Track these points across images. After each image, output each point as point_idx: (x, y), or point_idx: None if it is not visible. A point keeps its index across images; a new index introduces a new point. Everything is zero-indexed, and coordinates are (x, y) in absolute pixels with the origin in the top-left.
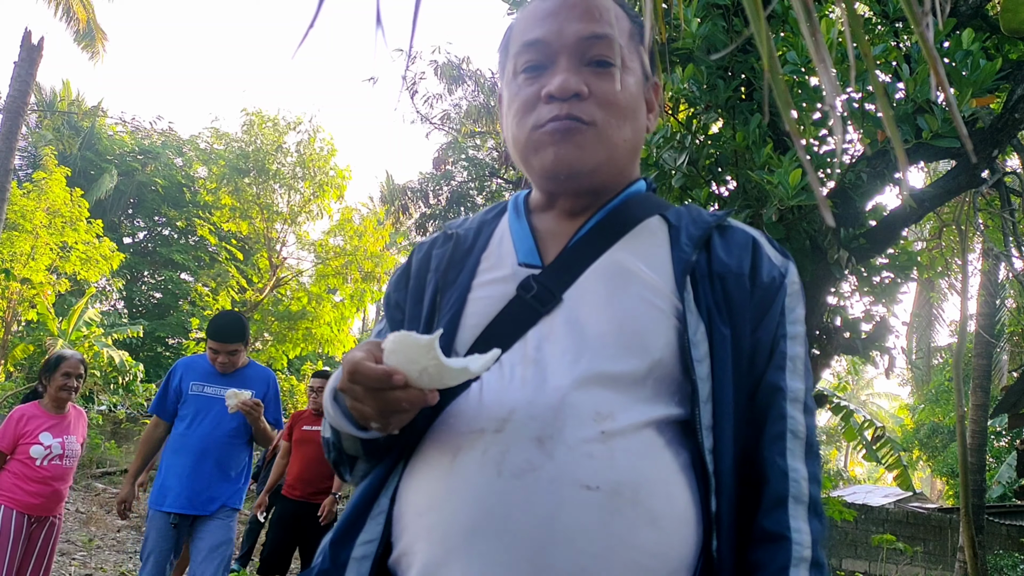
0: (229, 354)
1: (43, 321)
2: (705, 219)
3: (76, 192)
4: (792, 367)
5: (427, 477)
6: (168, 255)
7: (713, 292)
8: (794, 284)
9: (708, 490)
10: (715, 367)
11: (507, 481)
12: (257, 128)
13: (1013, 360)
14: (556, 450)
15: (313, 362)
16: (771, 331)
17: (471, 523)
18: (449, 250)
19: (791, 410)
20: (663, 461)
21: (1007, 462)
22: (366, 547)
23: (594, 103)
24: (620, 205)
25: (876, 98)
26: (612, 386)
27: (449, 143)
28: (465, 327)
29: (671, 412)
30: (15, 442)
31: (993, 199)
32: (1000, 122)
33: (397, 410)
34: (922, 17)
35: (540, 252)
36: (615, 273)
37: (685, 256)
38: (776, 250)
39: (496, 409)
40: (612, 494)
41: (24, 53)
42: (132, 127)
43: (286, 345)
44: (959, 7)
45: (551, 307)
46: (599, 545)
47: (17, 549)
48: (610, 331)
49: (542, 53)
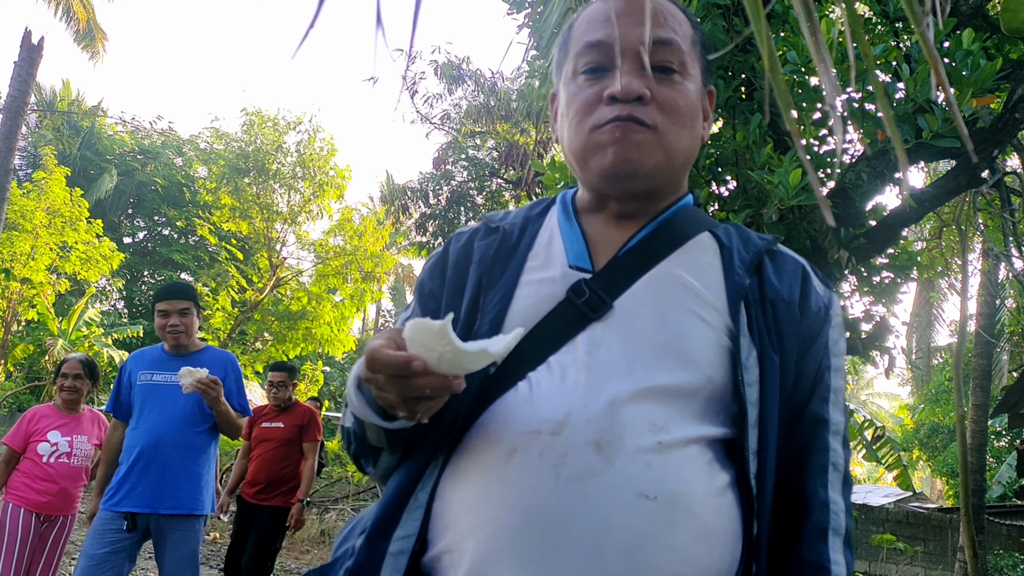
0: (180, 314)
1: (43, 321)
2: (755, 242)
3: (76, 192)
4: (835, 400)
5: (477, 475)
6: (168, 255)
7: (765, 317)
8: (838, 316)
9: (751, 513)
10: (763, 392)
11: (565, 485)
12: (257, 128)
13: (1013, 360)
14: (616, 457)
15: (313, 362)
16: (816, 361)
17: (526, 524)
18: (495, 244)
19: (833, 443)
20: (710, 476)
21: (1007, 462)
22: (403, 542)
23: (656, 108)
24: (672, 217)
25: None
26: (664, 398)
27: (449, 143)
28: (510, 325)
29: (717, 431)
30: (26, 440)
31: (993, 199)
32: (1000, 122)
33: (421, 396)
34: (922, 17)
35: (591, 256)
36: (668, 286)
37: (739, 279)
38: (821, 281)
39: (551, 411)
40: (669, 505)
41: (24, 53)
42: (132, 127)
43: (286, 345)
44: (959, 7)
45: (602, 313)
46: (655, 555)
47: (26, 547)
48: (663, 343)
49: (605, 55)
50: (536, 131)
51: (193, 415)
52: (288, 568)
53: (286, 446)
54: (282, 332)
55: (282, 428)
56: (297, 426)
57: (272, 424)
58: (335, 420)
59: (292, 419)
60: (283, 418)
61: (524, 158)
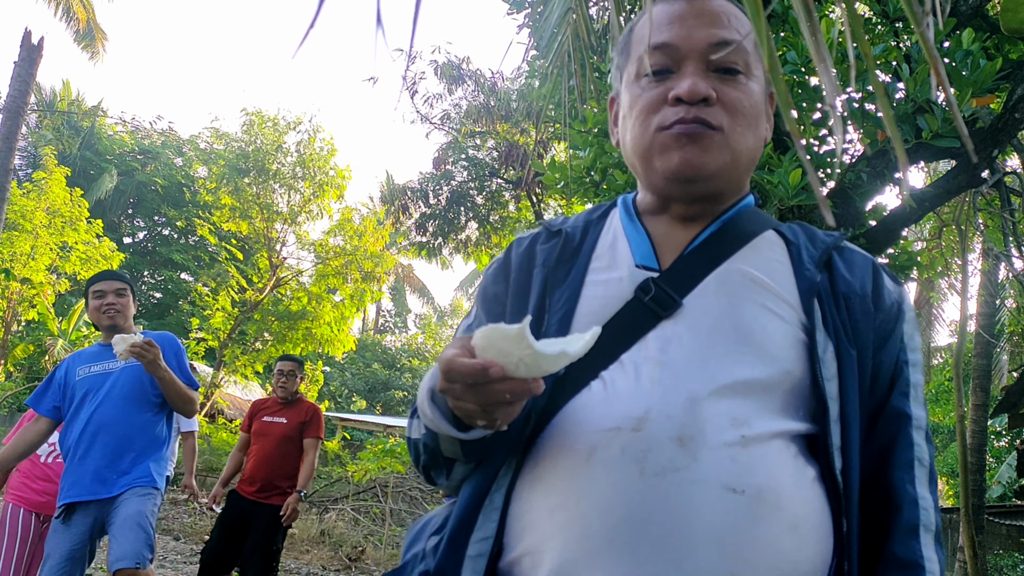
0: (116, 294)
1: (43, 321)
2: (822, 239)
3: (76, 192)
4: (915, 395)
5: (556, 475)
6: (168, 255)
7: (839, 312)
8: (911, 311)
9: (839, 510)
10: (843, 387)
11: (649, 480)
12: (257, 128)
13: (1013, 360)
14: (699, 451)
15: (313, 362)
16: (893, 356)
17: (613, 521)
18: (558, 247)
19: (917, 438)
20: (797, 470)
21: (1007, 462)
22: (481, 544)
23: (721, 109)
24: (735, 216)
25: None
26: (744, 393)
27: (449, 143)
28: (578, 325)
29: (798, 426)
30: None
31: (993, 199)
32: (1000, 122)
33: (501, 402)
34: (922, 17)
35: (656, 256)
36: (737, 282)
37: (810, 275)
38: (890, 277)
39: (630, 408)
40: (756, 498)
41: (24, 53)
42: (132, 127)
43: (286, 345)
44: (959, 7)
45: (672, 311)
46: (745, 549)
47: (26, 548)
48: (737, 338)
49: (669, 57)
50: (536, 131)
51: (136, 394)
52: (288, 568)
53: (287, 443)
54: (282, 332)
55: (284, 424)
56: (300, 422)
57: (274, 419)
58: (335, 421)
59: (296, 415)
60: (286, 413)
61: (524, 158)
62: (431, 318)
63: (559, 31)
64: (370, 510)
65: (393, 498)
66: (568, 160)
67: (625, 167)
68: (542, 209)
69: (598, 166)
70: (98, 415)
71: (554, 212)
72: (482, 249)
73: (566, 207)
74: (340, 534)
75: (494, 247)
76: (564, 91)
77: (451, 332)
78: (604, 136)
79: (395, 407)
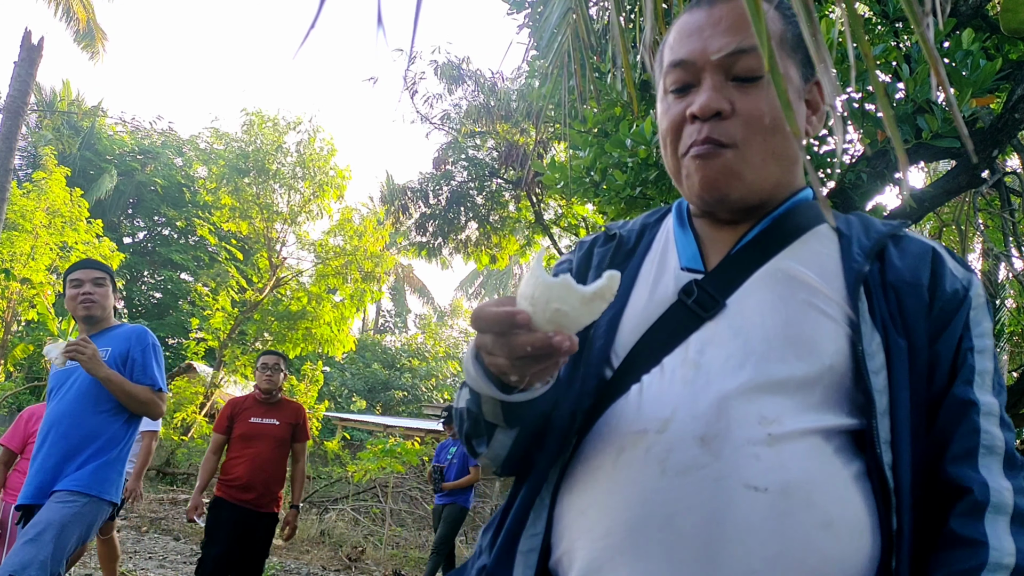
0: (94, 283)
1: (43, 321)
2: (878, 228)
3: (76, 192)
4: (981, 382)
5: (588, 477)
6: (168, 255)
7: (888, 303)
8: (979, 297)
9: (889, 507)
10: (892, 380)
11: (671, 479)
12: (257, 128)
13: (1013, 360)
14: (722, 450)
15: (313, 362)
16: (953, 344)
17: (635, 521)
18: (611, 250)
19: (985, 424)
20: (834, 467)
21: None
22: (532, 540)
23: (739, 122)
24: (785, 213)
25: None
26: (779, 391)
27: (449, 143)
28: (624, 330)
29: (841, 422)
30: (24, 441)
31: (993, 199)
32: (1000, 122)
33: (526, 356)
34: (922, 17)
35: (703, 258)
36: (781, 280)
37: (857, 266)
38: (959, 263)
39: (658, 409)
40: (781, 495)
41: (24, 53)
42: (132, 127)
43: (286, 345)
44: (959, 7)
45: (714, 312)
46: (771, 547)
47: None
48: (776, 336)
49: (688, 72)
50: (536, 131)
51: (92, 392)
52: (288, 568)
53: (283, 446)
54: (282, 332)
55: (277, 426)
56: (291, 424)
57: (265, 420)
58: (335, 421)
59: (286, 416)
60: (276, 414)
61: (524, 158)
62: (431, 318)
63: (559, 31)
64: (370, 510)
65: (393, 498)
66: (568, 160)
67: (625, 167)
68: (542, 209)
69: (598, 166)
70: (54, 413)
71: (554, 212)
72: (482, 249)
73: (566, 207)
74: (340, 534)
75: (494, 247)
76: (564, 91)
77: (451, 332)
78: (604, 136)
79: (395, 407)
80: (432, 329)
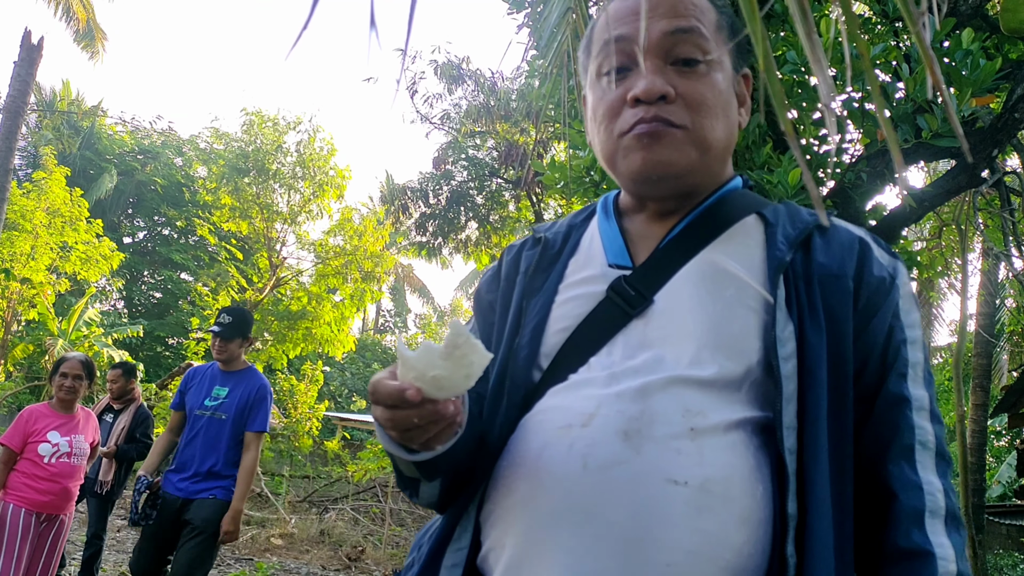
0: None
1: (43, 321)
2: (804, 218)
3: (76, 192)
4: (914, 375)
5: (512, 474)
6: (168, 255)
7: (808, 293)
8: (906, 286)
9: (785, 491)
10: (804, 368)
11: (592, 474)
12: (257, 128)
13: (1013, 360)
14: (643, 445)
15: (313, 362)
16: (882, 335)
17: (557, 515)
18: (537, 254)
19: (918, 420)
20: (753, 462)
21: (1007, 462)
22: (457, 555)
23: (682, 105)
24: (714, 205)
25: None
26: (704, 388)
27: (449, 143)
28: (551, 331)
29: (759, 414)
30: (24, 441)
31: (993, 199)
32: (1000, 122)
33: (413, 427)
34: (918, 16)
35: (631, 253)
36: (709, 274)
37: (780, 255)
38: (884, 250)
39: (583, 405)
40: (701, 490)
41: (24, 53)
42: (132, 127)
43: (286, 345)
44: (959, 7)
45: (642, 309)
46: (689, 541)
47: (26, 547)
48: (704, 333)
49: (625, 54)
50: (536, 131)
51: None
52: (288, 568)
53: None
54: (282, 332)
55: None
56: None
57: None
58: (334, 420)
59: None
60: None
61: (524, 158)
62: (431, 318)
63: (559, 31)
64: (370, 510)
65: (393, 498)
66: (568, 160)
67: None
68: (542, 209)
69: (598, 166)
70: None
71: (554, 212)
72: (482, 249)
73: (566, 207)
74: (340, 534)
75: (494, 247)
76: (564, 91)
77: None
78: None
79: None
80: (432, 329)
